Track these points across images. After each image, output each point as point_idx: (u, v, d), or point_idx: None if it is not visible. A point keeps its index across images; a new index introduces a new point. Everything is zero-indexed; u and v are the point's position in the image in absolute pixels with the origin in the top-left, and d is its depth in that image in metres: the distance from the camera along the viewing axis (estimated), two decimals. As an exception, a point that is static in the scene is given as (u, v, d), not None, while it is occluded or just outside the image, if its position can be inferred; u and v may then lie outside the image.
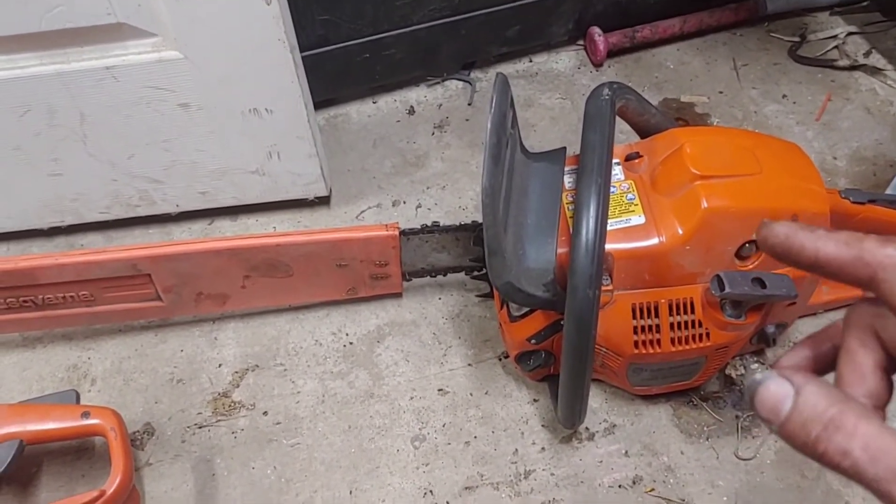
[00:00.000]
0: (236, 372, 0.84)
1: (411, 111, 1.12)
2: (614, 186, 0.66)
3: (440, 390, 0.81)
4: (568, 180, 0.70)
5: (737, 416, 0.78)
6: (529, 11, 1.09)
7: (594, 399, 0.79)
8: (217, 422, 0.80)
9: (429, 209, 0.99)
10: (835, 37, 1.20)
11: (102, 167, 0.88)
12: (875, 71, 1.15)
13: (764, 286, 0.61)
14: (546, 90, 1.14)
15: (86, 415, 0.68)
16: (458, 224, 0.80)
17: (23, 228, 0.96)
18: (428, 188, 1.01)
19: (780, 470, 0.74)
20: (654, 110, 0.73)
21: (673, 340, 0.66)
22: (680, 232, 0.63)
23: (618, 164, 0.69)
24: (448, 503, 0.73)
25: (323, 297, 0.88)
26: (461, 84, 1.16)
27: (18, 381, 0.84)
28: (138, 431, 0.79)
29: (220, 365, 0.85)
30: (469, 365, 0.83)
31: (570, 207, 0.67)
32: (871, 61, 1.16)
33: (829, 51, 1.18)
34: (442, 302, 0.89)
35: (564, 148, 0.73)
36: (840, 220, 0.72)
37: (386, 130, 1.09)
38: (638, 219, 0.64)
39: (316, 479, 0.76)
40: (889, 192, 0.91)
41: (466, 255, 0.82)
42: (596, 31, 1.15)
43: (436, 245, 0.82)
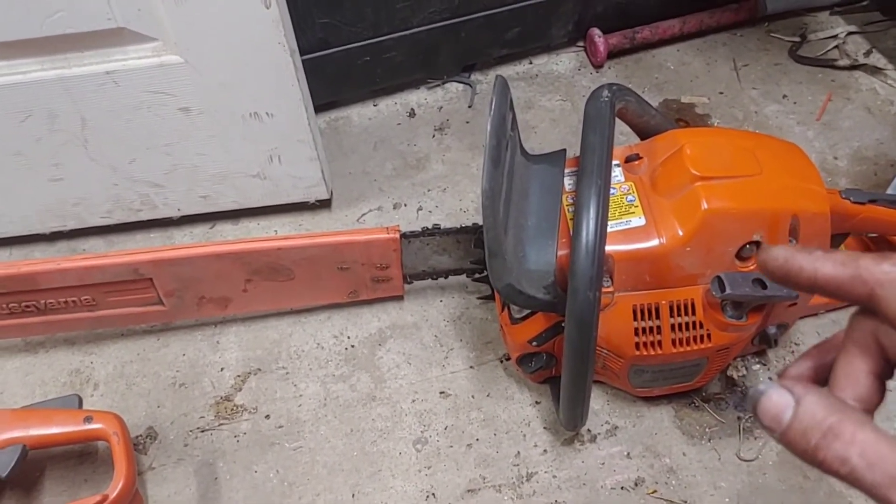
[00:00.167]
0: (238, 375, 0.84)
1: (412, 114, 1.12)
2: (614, 188, 0.66)
3: (442, 393, 0.81)
4: (568, 182, 0.70)
5: (739, 418, 0.78)
6: (529, 13, 1.10)
7: (596, 401, 0.79)
8: (219, 425, 0.80)
9: (429, 212, 0.99)
10: (835, 36, 1.20)
11: (104, 172, 0.88)
12: (875, 70, 1.14)
13: (765, 287, 0.61)
14: (546, 92, 1.14)
15: (88, 419, 0.69)
16: (458, 226, 0.80)
17: (25, 233, 0.96)
18: (429, 191, 1.01)
19: (782, 471, 0.74)
20: (654, 111, 0.73)
21: (674, 342, 0.66)
22: (680, 233, 0.63)
23: (618, 165, 0.69)
24: (450, 506, 0.73)
25: (324, 301, 0.88)
26: (461, 86, 1.16)
27: (21, 385, 0.84)
28: (141, 436, 0.79)
29: (222, 369, 0.85)
30: (471, 367, 0.83)
31: (571, 209, 0.67)
32: (871, 61, 1.16)
33: (829, 51, 1.18)
34: (443, 304, 0.89)
35: (564, 150, 0.73)
36: (840, 221, 0.72)
37: (386, 133, 1.10)
38: (638, 220, 0.64)
39: (318, 482, 0.76)
40: (890, 191, 0.91)
41: (467, 258, 0.82)
42: (596, 32, 1.15)
43: (437, 247, 0.82)
